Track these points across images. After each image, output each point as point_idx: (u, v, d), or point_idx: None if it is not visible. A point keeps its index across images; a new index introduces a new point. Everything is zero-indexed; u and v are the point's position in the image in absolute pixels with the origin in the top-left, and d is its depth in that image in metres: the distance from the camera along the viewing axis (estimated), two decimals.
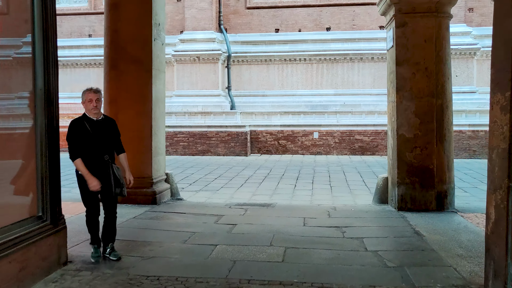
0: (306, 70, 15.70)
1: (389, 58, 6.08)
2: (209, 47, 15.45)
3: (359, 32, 15.50)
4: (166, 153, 14.93)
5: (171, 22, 16.46)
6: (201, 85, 15.61)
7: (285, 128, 15.03)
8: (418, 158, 5.66)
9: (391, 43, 5.86)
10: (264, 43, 15.89)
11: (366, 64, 15.39)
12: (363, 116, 14.92)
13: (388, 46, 6.07)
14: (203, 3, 15.62)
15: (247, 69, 15.99)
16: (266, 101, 15.68)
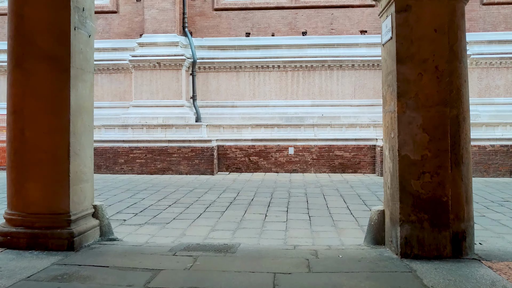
0: (280, 78, 14.38)
1: (385, 54, 4.72)
2: (171, 52, 13.96)
3: (338, 37, 14.30)
4: (121, 172, 13.30)
5: (130, 24, 14.93)
6: (162, 94, 14.06)
7: (256, 143, 13.60)
8: (427, 188, 4.28)
9: (389, 35, 4.51)
10: (234, 48, 14.50)
11: (346, 72, 14.18)
12: (343, 129, 13.65)
13: (384, 39, 4.72)
14: (165, 3, 14.16)
15: (215, 76, 14.54)
16: (235, 113, 14.24)
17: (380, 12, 4.89)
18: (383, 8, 4.76)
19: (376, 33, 14.24)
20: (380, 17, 4.96)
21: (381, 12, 4.87)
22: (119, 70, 14.76)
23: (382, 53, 4.88)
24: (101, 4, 15.15)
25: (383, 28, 4.77)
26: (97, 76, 14.87)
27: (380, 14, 4.90)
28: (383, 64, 4.87)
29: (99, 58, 14.75)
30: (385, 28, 4.69)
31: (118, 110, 14.58)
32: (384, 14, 4.76)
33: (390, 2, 4.46)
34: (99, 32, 15.05)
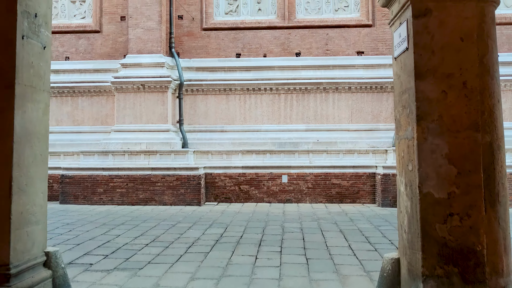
0: (272, 102, 13.65)
1: (398, 69, 3.97)
2: (156, 73, 13.22)
3: (334, 58, 13.68)
4: (99, 202, 12.34)
5: (113, 44, 14.22)
6: (147, 118, 13.24)
7: (247, 171, 12.75)
8: (456, 233, 3.47)
9: (404, 45, 3.76)
10: (223, 70, 13.80)
11: (343, 95, 13.50)
12: (341, 156, 12.87)
13: (397, 51, 3.97)
14: (151, 22, 13.50)
15: (203, 99, 13.78)
16: (225, 138, 13.44)
17: (391, 20, 4.15)
18: (395, 15, 4.02)
19: (373, 54, 13.64)
20: (390, 26, 4.22)
21: (392, 19, 4.13)
22: (101, 92, 13.97)
23: (394, 68, 4.12)
24: (83, 23, 14.48)
25: (395, 39, 4.03)
26: (77, 99, 14.05)
27: (391, 22, 4.15)
28: (395, 81, 4.10)
29: (80, 80, 13.99)
30: (398, 38, 3.94)
31: (99, 135, 13.73)
32: (396, 21, 4.02)
33: (405, 6, 3.72)
34: (80, 53, 14.33)
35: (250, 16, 14.26)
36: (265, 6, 14.31)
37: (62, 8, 14.64)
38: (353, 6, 14.02)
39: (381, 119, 13.36)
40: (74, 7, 14.68)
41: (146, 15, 13.49)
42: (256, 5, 14.31)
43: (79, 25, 14.44)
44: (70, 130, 13.99)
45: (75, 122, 14.08)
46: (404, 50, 3.76)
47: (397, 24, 3.98)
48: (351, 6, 14.05)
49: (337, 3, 14.10)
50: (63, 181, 12.40)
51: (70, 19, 14.63)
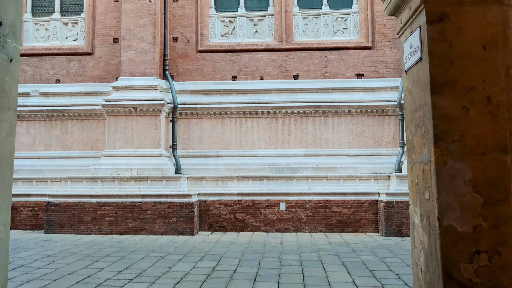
0: (269, 126, 13.21)
1: (410, 84, 3.52)
2: (149, 96, 12.81)
3: (333, 81, 13.32)
4: (87, 231, 11.72)
5: (106, 67, 13.87)
6: (138, 143, 12.76)
7: (243, 198, 12.21)
8: (484, 274, 2.95)
9: (417, 55, 3.31)
10: (219, 93, 13.41)
11: (342, 119, 13.07)
12: (341, 182, 12.35)
13: (408, 63, 3.53)
14: (144, 44, 13.18)
15: (198, 123, 13.34)
16: (220, 163, 12.94)
17: (401, 29, 3.72)
18: (405, 23, 3.59)
19: (374, 76, 13.29)
20: (400, 35, 3.78)
21: (401, 28, 3.69)
22: (92, 116, 13.53)
23: (405, 83, 3.66)
24: (75, 45, 14.16)
25: (406, 49, 3.59)
26: (67, 122, 13.60)
27: (401, 31, 3.72)
28: (406, 98, 3.64)
29: (70, 103, 13.57)
30: (408, 49, 3.50)
31: (89, 161, 13.21)
32: (406, 30, 3.59)
33: (417, 12, 3.29)
34: (72, 75, 13.96)
35: (246, 38, 13.97)
36: (262, 29, 14.05)
37: (53, 30, 14.36)
38: (352, 28, 13.76)
39: (382, 143, 12.91)
40: (66, 29, 14.40)
41: (140, 36, 13.19)
42: (252, 27, 14.05)
43: (70, 47, 14.12)
44: (59, 155, 13.48)
45: (64, 146, 13.58)
46: (417, 61, 3.31)
47: (408, 33, 3.54)
48: (350, 28, 13.79)
49: (335, 25, 13.85)
50: (49, 209, 11.81)
51: (61, 41, 14.32)
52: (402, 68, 3.72)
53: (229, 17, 14.13)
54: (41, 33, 14.43)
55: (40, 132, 13.64)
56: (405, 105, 3.66)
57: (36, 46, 14.23)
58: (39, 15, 14.58)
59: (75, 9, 14.51)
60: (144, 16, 13.22)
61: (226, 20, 14.13)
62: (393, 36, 13.34)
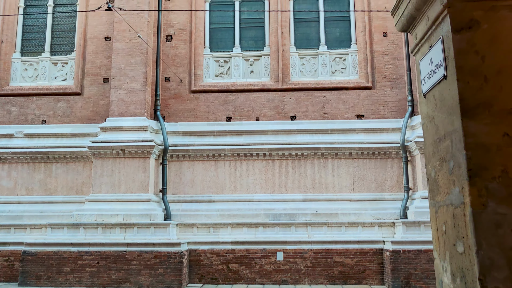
0: (266, 169, 12.55)
1: (430, 109, 2.92)
2: (138, 138, 12.23)
3: (332, 122, 12.80)
4: (65, 284, 10.67)
5: (94, 107, 13.38)
6: (126, 187, 12.05)
7: (237, 247, 11.37)
8: None
9: (439, 73, 2.73)
10: (213, 134, 12.85)
11: (343, 162, 12.45)
12: (343, 229, 11.57)
13: (427, 84, 2.95)
14: (135, 84, 12.74)
15: (190, 166, 12.69)
16: (213, 209, 12.18)
17: (416, 45, 3.15)
18: (421, 36, 3.02)
19: (374, 117, 12.79)
20: (414, 53, 3.22)
21: (417, 44, 3.12)
22: (78, 159, 12.88)
23: (423, 109, 3.06)
24: (63, 85, 13.73)
25: (423, 69, 3.01)
26: (51, 165, 12.93)
27: (416, 47, 3.15)
28: (426, 127, 3.02)
29: (56, 145, 12.96)
30: (427, 67, 2.92)
31: (73, 206, 12.44)
32: (424, 44, 3.02)
33: (438, 20, 2.73)
34: (59, 116, 13.43)
35: (242, 78, 13.59)
36: (257, 69, 13.70)
37: (42, 70, 13.98)
38: (351, 68, 13.41)
39: (386, 187, 12.22)
40: (56, 68, 14.02)
41: (130, 76, 12.77)
42: (248, 67, 13.71)
43: (59, 87, 13.68)
44: (41, 200, 12.71)
45: (47, 191, 12.83)
46: (440, 80, 2.71)
47: (425, 49, 2.97)
48: (349, 68, 13.44)
49: (334, 65, 13.51)
50: (25, 259, 10.93)
51: (50, 81, 13.91)
52: (419, 92, 3.13)
53: (224, 57, 13.81)
54: (29, 73, 14.04)
55: (22, 176, 12.93)
56: (425, 136, 3.04)
57: (23, 86, 13.80)
58: (28, 54, 14.25)
59: (65, 48, 14.21)
60: (135, 55, 12.87)
61: (221, 60, 13.80)
62: (393, 76, 12.97)
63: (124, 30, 12.96)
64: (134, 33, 12.76)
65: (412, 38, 3.22)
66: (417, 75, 3.16)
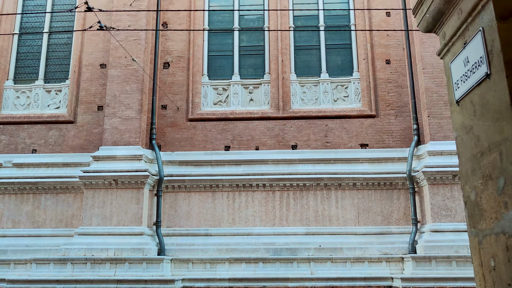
0: (266, 200, 11.99)
1: (468, 117, 2.45)
2: (132, 167, 11.72)
3: (335, 151, 12.33)
4: None
5: (88, 136, 12.94)
6: (117, 219, 11.45)
7: (235, 284, 10.66)
8: None
9: (479, 73, 2.28)
10: (210, 164, 12.35)
11: (347, 193, 11.90)
12: (348, 265, 10.90)
13: (461, 88, 2.49)
14: (130, 111, 12.34)
15: (186, 198, 12.13)
16: (209, 243, 11.53)
17: (445, 45, 2.71)
18: (452, 34, 2.58)
19: (378, 147, 12.34)
20: (442, 56, 2.78)
21: (446, 44, 2.68)
22: (68, 189, 12.32)
23: (457, 119, 2.59)
24: (56, 113, 13.32)
25: (455, 71, 2.55)
26: (40, 196, 12.35)
27: (445, 48, 2.71)
28: (461, 140, 2.54)
29: (46, 175, 12.42)
30: (461, 68, 2.46)
31: (62, 240, 11.78)
32: (455, 43, 2.57)
33: (475, 11, 2.30)
34: (50, 145, 12.95)
35: (241, 106, 13.22)
36: (257, 97, 13.35)
37: (35, 98, 13.60)
38: (354, 96, 13.07)
39: (392, 220, 11.63)
40: (49, 96, 13.65)
41: (125, 103, 12.38)
42: (247, 95, 13.36)
43: (51, 115, 13.27)
44: (28, 234, 12.07)
45: (34, 223, 12.21)
46: (481, 80, 2.25)
47: (458, 47, 2.53)
48: (351, 96, 13.10)
49: (336, 93, 13.17)
50: None
51: (42, 109, 13.52)
52: (450, 100, 2.67)
53: (223, 85, 13.49)
54: (22, 101, 13.66)
55: (9, 207, 12.33)
56: (460, 151, 2.55)
57: (14, 114, 13.38)
58: (21, 82, 13.92)
59: (59, 76, 13.88)
60: (131, 82, 12.52)
61: (220, 88, 13.47)
62: (398, 104, 12.60)
63: (120, 56, 12.68)
64: (130, 59, 12.47)
65: (439, 39, 2.79)
66: (447, 80, 2.71)
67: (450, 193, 10.99)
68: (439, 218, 10.85)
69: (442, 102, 11.75)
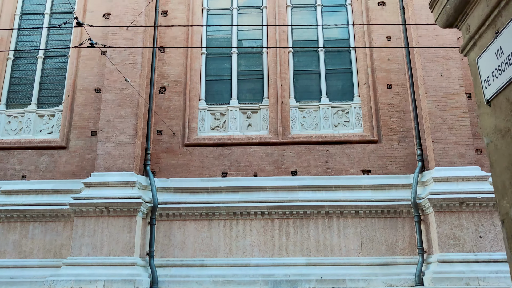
0: (264, 229, 11.50)
1: (502, 119, 2.06)
2: (125, 194, 11.27)
3: (336, 178, 11.92)
4: None
5: (80, 162, 12.54)
6: (108, 249, 10.92)
7: None
8: None
9: None
10: (206, 191, 11.92)
11: (349, 221, 11.43)
12: None
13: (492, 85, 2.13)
14: (123, 136, 11.98)
15: (181, 226, 11.63)
16: (205, 275, 10.97)
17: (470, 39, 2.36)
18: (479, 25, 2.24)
19: (381, 173, 11.94)
20: (466, 52, 2.45)
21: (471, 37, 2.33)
22: (58, 217, 11.84)
23: (488, 121, 2.23)
24: (48, 138, 12.96)
25: (484, 67, 2.22)
26: (28, 225, 11.85)
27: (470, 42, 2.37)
28: (493, 145, 2.17)
29: (35, 202, 11.96)
30: (493, 61, 2.14)
31: (49, 271, 11.20)
32: (484, 33, 2.24)
33: None
34: (41, 171, 12.54)
35: (239, 131, 12.89)
36: (256, 121, 13.04)
37: (27, 123, 13.27)
38: (355, 121, 12.76)
39: (397, 250, 11.11)
40: (42, 121, 13.32)
41: (119, 128, 12.03)
42: (246, 120, 13.05)
43: (43, 140, 12.90)
44: (14, 264, 11.50)
45: (21, 254, 11.66)
46: None
47: (487, 39, 2.18)
48: (352, 121, 12.79)
49: (336, 118, 12.87)
50: None
51: (34, 134, 13.17)
52: (479, 101, 2.30)
53: (220, 110, 13.20)
54: (13, 126, 13.32)
55: None
56: (493, 160, 2.17)
57: (5, 140, 13.01)
58: (13, 106, 13.62)
59: (53, 100, 13.61)
60: (126, 107, 12.21)
61: (217, 112, 13.17)
62: (400, 129, 12.28)
63: (115, 80, 12.42)
64: (125, 83, 12.20)
65: (462, 33, 2.45)
66: (473, 79, 2.35)
67: (458, 221, 10.52)
68: (447, 248, 10.34)
69: (446, 126, 11.44)
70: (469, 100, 12.19)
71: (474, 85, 2.38)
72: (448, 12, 2.47)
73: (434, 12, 2.62)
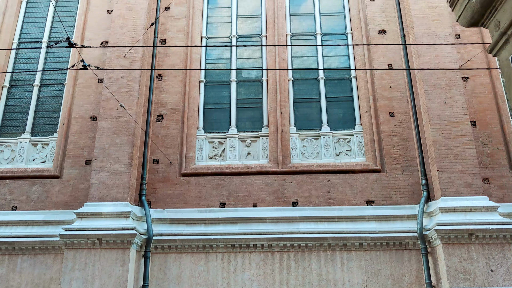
0: (264, 262, 11.01)
1: None
2: (118, 225, 10.84)
3: (339, 209, 11.52)
4: None
5: (73, 192, 12.16)
6: (100, 283, 10.39)
7: None
8: None
9: None
10: (204, 222, 11.49)
11: (353, 254, 10.95)
12: None
13: None
14: (119, 165, 11.64)
15: (176, 259, 11.15)
16: None
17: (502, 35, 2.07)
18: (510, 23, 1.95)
19: (385, 203, 11.55)
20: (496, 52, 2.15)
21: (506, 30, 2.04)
22: (48, 250, 11.36)
23: None
24: (41, 167, 12.62)
25: None
26: (16, 258, 11.35)
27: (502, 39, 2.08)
28: None
29: (25, 234, 11.51)
30: None
31: None
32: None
33: None
34: (32, 201, 12.13)
35: (238, 160, 12.57)
36: (255, 150, 12.74)
37: (20, 152, 12.95)
38: (357, 150, 12.46)
39: (404, 285, 10.60)
40: (35, 150, 13.01)
41: (114, 157, 11.71)
42: (245, 149, 12.75)
43: (36, 169, 12.56)
44: None
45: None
46: None
47: None
48: (354, 150, 12.49)
49: (338, 147, 12.58)
50: None
51: (27, 163, 12.83)
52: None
53: (219, 138, 12.92)
54: (6, 155, 12.99)
55: None
56: None
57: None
58: (7, 135, 13.35)
59: (47, 129, 13.34)
60: (121, 135, 11.93)
61: (216, 141, 12.89)
62: (404, 158, 11.97)
63: (111, 108, 12.18)
64: (121, 111, 11.97)
65: (490, 32, 2.17)
66: (506, 81, 2.06)
67: (468, 254, 10.06)
68: (457, 283, 9.83)
69: (452, 155, 11.13)
70: (474, 128, 11.94)
71: (507, 87, 2.08)
72: (474, 8, 2.19)
73: (456, 10, 2.34)
